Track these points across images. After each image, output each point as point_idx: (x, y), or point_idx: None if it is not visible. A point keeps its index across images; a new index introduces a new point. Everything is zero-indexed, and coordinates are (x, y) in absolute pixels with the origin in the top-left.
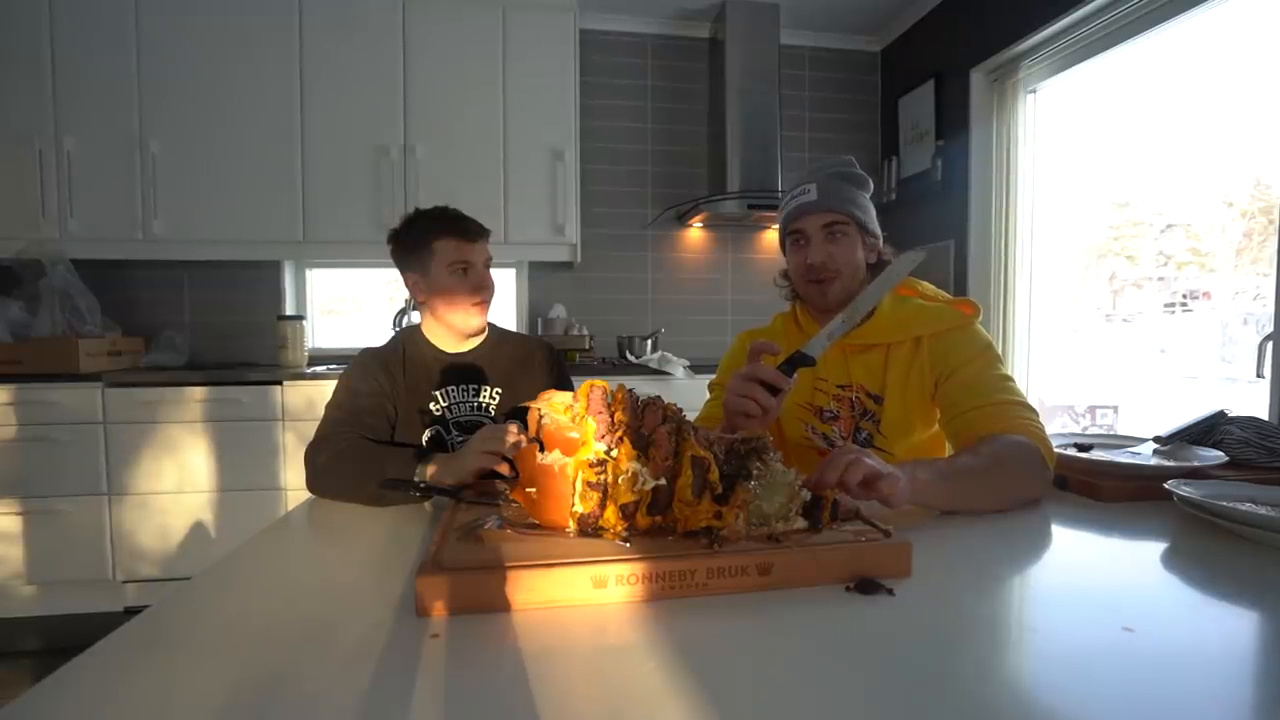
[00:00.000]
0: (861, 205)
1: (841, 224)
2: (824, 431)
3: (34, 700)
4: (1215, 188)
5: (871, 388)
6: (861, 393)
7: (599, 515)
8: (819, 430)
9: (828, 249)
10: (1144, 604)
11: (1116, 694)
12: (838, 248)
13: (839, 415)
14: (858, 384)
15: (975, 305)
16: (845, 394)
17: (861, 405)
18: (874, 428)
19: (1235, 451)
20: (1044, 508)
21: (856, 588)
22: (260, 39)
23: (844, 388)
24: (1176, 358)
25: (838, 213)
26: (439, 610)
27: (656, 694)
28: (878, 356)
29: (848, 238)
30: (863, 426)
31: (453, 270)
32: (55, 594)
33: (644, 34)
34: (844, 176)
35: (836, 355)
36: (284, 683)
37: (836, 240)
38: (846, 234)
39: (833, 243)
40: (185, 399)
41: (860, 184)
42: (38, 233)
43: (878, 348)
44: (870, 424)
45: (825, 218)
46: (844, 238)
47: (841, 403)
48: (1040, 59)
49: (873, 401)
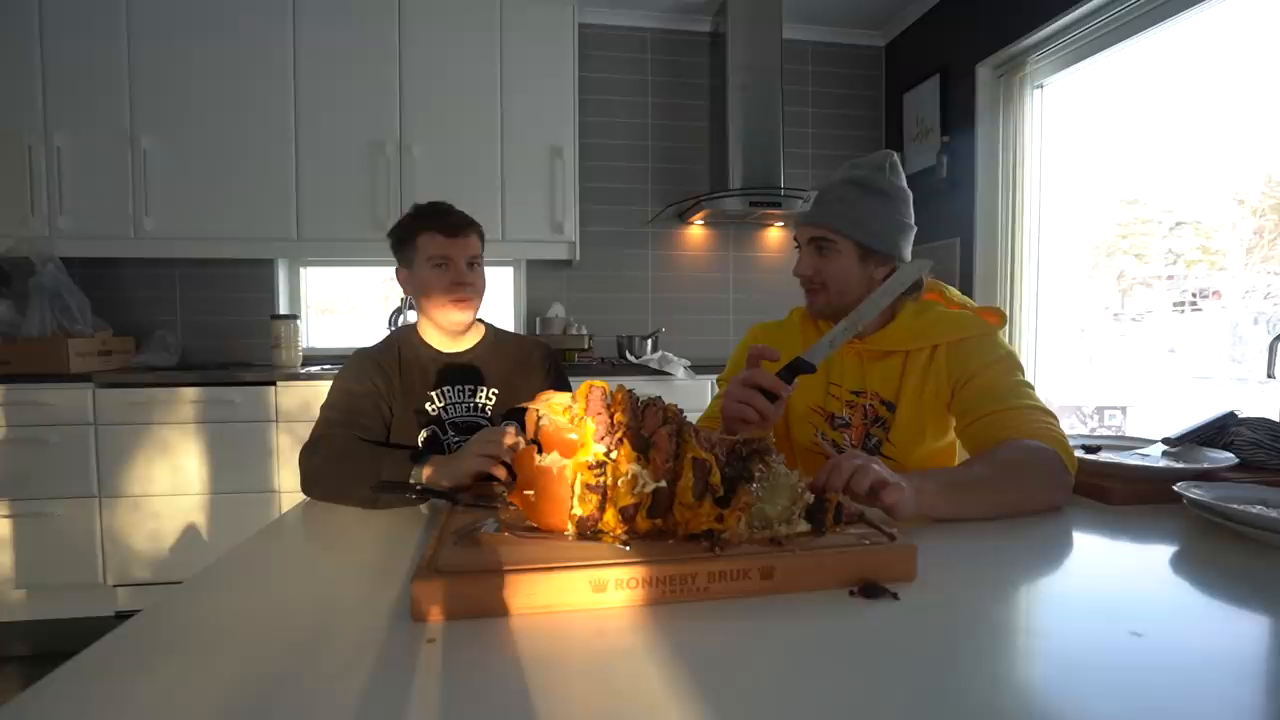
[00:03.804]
0: (862, 220)
1: (828, 240)
2: (834, 439)
3: (22, 707)
4: (1226, 185)
5: (886, 395)
6: (875, 400)
7: (598, 518)
8: (829, 436)
9: (814, 263)
10: (1153, 608)
11: (1125, 700)
12: (824, 263)
13: (851, 423)
14: (872, 391)
15: (1001, 314)
16: (859, 401)
17: (874, 412)
18: (884, 434)
19: (1246, 453)
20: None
21: (860, 592)
22: (254, 33)
23: (858, 394)
24: (1186, 358)
25: (825, 228)
26: (435, 615)
27: (657, 700)
28: (895, 364)
29: (838, 254)
30: (873, 433)
31: (433, 265)
32: (45, 598)
33: (644, 28)
34: (860, 185)
35: (853, 362)
36: (278, 689)
37: (823, 255)
38: (836, 250)
39: (819, 257)
40: (177, 400)
41: (877, 195)
42: (27, 230)
43: (895, 355)
44: (880, 430)
45: (812, 231)
46: (833, 254)
47: (855, 410)
48: (1048, 54)
49: (885, 409)
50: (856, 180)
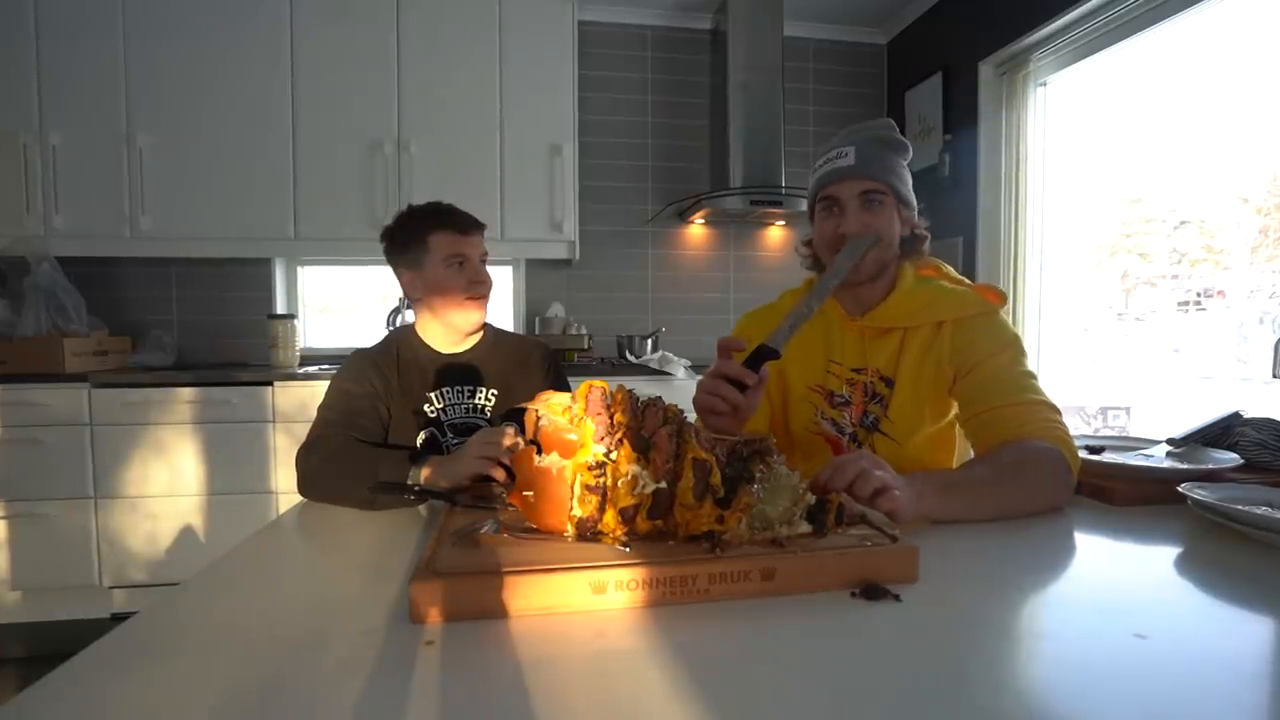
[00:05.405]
0: (900, 174)
1: (879, 192)
2: (833, 417)
3: (18, 709)
4: (1230, 184)
5: (886, 371)
6: (875, 377)
7: (598, 519)
8: (828, 415)
9: (864, 218)
10: (1157, 610)
11: (1129, 702)
12: (874, 217)
13: (851, 400)
14: (873, 368)
15: (1001, 293)
16: (859, 378)
17: (873, 389)
18: (881, 411)
19: (1251, 454)
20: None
21: (862, 593)
22: (251, 31)
23: (859, 371)
24: (1190, 357)
25: (876, 180)
26: (434, 617)
27: (657, 702)
28: (894, 339)
29: (884, 207)
30: (870, 410)
31: (449, 264)
32: (40, 600)
33: (644, 25)
34: (884, 142)
35: (854, 339)
36: (275, 691)
37: (873, 209)
38: (883, 203)
39: (869, 212)
40: (174, 400)
41: (900, 150)
42: (22, 229)
43: (895, 331)
44: (878, 407)
45: (863, 185)
46: (880, 207)
47: (855, 387)
48: (1051, 51)
49: (884, 385)
50: (881, 138)
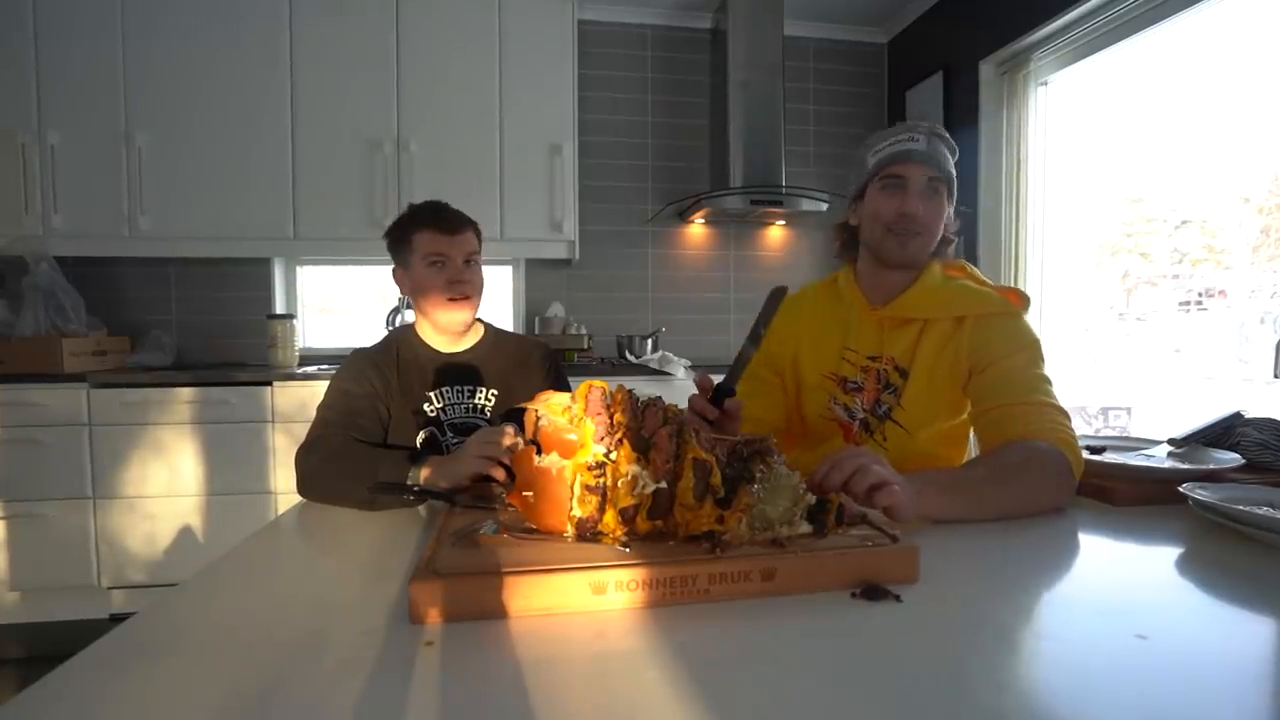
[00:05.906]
0: (953, 172)
1: (941, 182)
2: (845, 403)
3: (17, 709)
4: (1231, 183)
5: (902, 361)
6: (890, 365)
7: (598, 519)
8: (840, 401)
9: (924, 202)
10: (1158, 611)
11: (1130, 703)
12: (930, 206)
13: (863, 386)
14: (889, 356)
15: (1024, 296)
16: (874, 365)
17: (887, 377)
18: (894, 400)
19: (1252, 454)
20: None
21: (863, 594)
22: (250, 30)
23: (874, 359)
24: (1191, 357)
25: (941, 171)
26: (433, 617)
27: (657, 703)
28: (913, 330)
29: (940, 198)
30: (884, 399)
31: (429, 263)
32: (39, 600)
33: (644, 24)
34: (944, 139)
35: (872, 328)
36: (274, 692)
37: (932, 198)
38: (941, 193)
39: (928, 199)
40: (172, 400)
41: (954, 152)
42: (21, 229)
43: (914, 322)
44: (891, 396)
45: (930, 171)
46: (938, 197)
47: (869, 374)
48: (1052, 50)
49: (899, 375)
50: (942, 135)
